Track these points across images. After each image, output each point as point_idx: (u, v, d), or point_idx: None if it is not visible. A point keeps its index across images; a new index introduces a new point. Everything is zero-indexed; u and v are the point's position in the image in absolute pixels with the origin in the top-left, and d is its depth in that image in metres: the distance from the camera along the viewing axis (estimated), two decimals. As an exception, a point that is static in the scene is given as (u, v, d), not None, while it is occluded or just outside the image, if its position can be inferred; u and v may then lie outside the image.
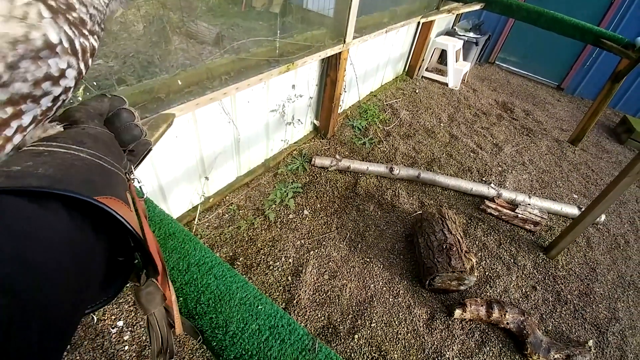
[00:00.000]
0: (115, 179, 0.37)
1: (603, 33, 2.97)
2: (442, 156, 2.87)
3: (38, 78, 0.36)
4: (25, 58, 0.35)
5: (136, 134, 0.48)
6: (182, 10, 4.62)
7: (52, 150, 0.35)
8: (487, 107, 3.81)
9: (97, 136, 0.41)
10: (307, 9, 3.12)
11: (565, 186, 2.88)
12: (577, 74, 4.57)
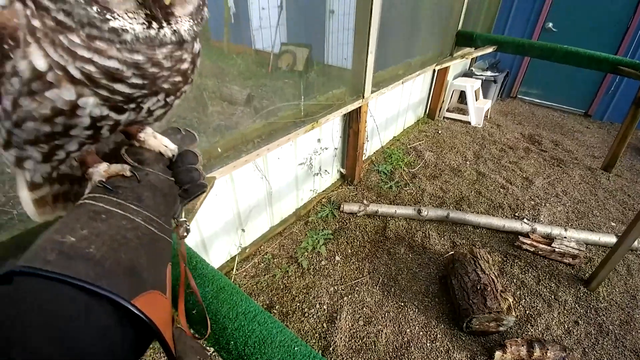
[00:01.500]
0: (161, 249, 0.39)
1: (620, 60, 2.99)
2: (470, 194, 2.88)
3: (45, 114, 0.36)
4: (23, 95, 0.35)
5: (194, 177, 0.50)
6: (216, 77, 5.24)
7: (110, 212, 0.37)
8: (514, 141, 3.81)
9: (157, 187, 0.44)
10: (328, 64, 3.45)
11: (603, 215, 2.75)
12: (603, 100, 4.48)
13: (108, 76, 0.35)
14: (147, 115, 0.44)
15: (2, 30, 0.33)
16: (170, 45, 0.39)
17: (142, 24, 0.37)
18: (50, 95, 0.34)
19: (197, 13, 0.41)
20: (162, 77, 0.40)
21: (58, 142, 0.39)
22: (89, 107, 0.36)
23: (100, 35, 0.34)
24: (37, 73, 0.33)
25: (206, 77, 5.55)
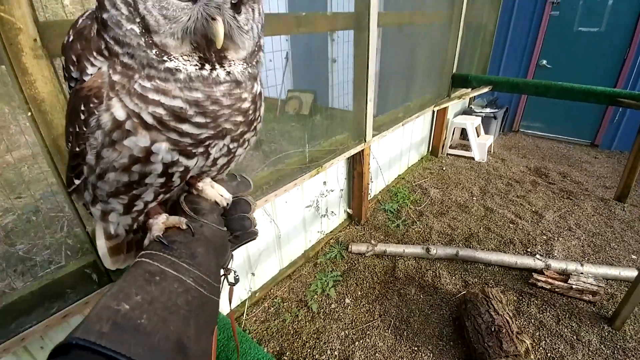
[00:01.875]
0: (208, 313, 0.41)
1: (618, 93, 3.06)
2: (479, 230, 2.86)
3: (124, 164, 0.40)
4: (105, 146, 0.39)
5: (246, 225, 0.53)
6: None
7: (164, 273, 0.39)
8: (520, 174, 3.83)
9: (209, 241, 0.47)
10: (332, 107, 3.64)
11: (621, 247, 2.67)
12: (609, 129, 4.47)
13: (175, 117, 0.39)
14: (212, 165, 0.47)
15: (89, 92, 0.39)
16: (227, 84, 0.42)
17: (195, 65, 0.40)
18: (128, 144, 0.38)
19: (251, 57, 0.45)
20: (223, 115, 0.42)
21: (136, 191, 0.43)
22: (162, 153, 0.40)
23: (157, 75, 0.38)
24: (117, 123, 0.38)
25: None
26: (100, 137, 0.39)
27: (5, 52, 0.79)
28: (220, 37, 0.38)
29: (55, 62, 0.88)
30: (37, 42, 0.82)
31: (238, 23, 0.42)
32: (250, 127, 0.48)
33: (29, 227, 1.42)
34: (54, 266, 1.06)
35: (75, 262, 1.07)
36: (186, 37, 0.39)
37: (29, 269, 1.20)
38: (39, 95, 0.83)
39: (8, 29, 0.79)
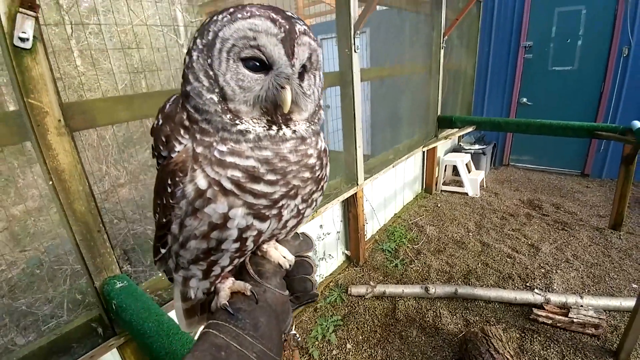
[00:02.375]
0: None
1: (595, 126, 3.21)
2: (477, 266, 2.88)
3: (204, 231, 0.43)
4: (188, 215, 0.42)
5: (307, 287, 0.53)
6: None
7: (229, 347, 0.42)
8: (513, 208, 3.91)
9: (272, 308, 0.48)
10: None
11: (621, 277, 2.67)
12: (597, 159, 4.60)
13: (249, 176, 0.41)
14: (282, 227, 0.49)
15: (175, 167, 0.43)
16: (293, 140, 0.45)
17: (264, 127, 0.44)
18: (208, 211, 0.41)
19: (313, 116, 0.49)
20: (292, 171, 0.44)
21: (213, 257, 0.46)
22: (237, 218, 0.42)
23: (229, 137, 0.42)
24: (200, 192, 0.41)
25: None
26: (185, 206, 0.43)
27: (33, 132, 0.93)
28: (288, 103, 0.43)
29: (74, 136, 1.02)
30: (60, 122, 0.97)
31: (302, 89, 0.46)
32: (318, 185, 0.50)
33: (32, 281, 1.46)
34: (55, 320, 1.10)
35: (82, 316, 1.12)
36: (257, 104, 0.44)
37: (31, 323, 1.23)
38: (59, 166, 0.95)
39: (37, 112, 0.93)
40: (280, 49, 0.42)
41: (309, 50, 0.45)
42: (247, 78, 0.43)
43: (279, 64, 0.43)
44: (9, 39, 0.87)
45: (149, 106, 1.26)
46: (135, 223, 3.32)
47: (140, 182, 5.45)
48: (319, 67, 0.49)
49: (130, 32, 6.46)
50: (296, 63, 0.44)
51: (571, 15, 4.25)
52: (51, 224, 1.52)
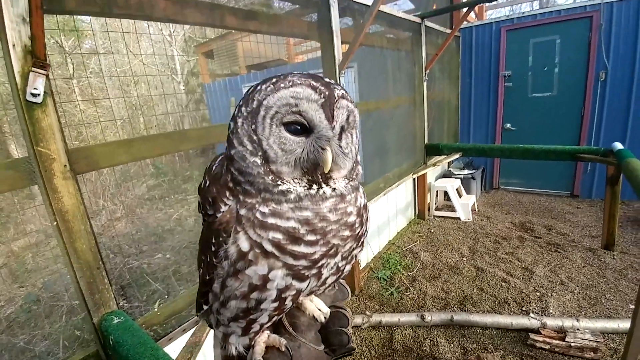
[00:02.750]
0: None
1: (577, 149, 3.33)
2: (473, 292, 2.89)
3: (244, 292, 0.43)
4: (229, 275, 0.43)
5: (343, 340, 0.53)
6: None
7: None
8: (506, 231, 3.96)
9: None
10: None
11: (617, 297, 2.67)
12: (584, 180, 4.69)
13: (290, 237, 0.42)
14: (321, 284, 0.49)
15: (220, 226, 0.45)
16: (333, 199, 0.45)
17: (305, 186, 0.45)
18: (249, 273, 0.42)
19: (351, 172, 0.49)
20: (332, 231, 0.44)
21: (252, 316, 0.46)
22: (277, 280, 0.43)
23: (271, 197, 0.43)
24: (242, 254, 0.42)
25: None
26: (227, 267, 0.44)
27: (41, 176, 1.00)
28: (329, 163, 0.44)
29: (78, 179, 1.09)
30: (66, 167, 1.04)
31: (341, 149, 0.47)
32: (358, 242, 0.50)
33: (30, 317, 1.46)
34: (53, 358, 1.10)
35: (79, 352, 1.14)
36: (298, 165, 0.45)
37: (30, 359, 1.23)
38: (64, 207, 1.02)
39: (45, 159, 1.01)
40: (321, 114, 0.44)
41: (347, 111, 0.47)
42: (289, 141, 0.45)
43: (320, 127, 0.45)
44: (22, 94, 0.97)
45: (147, 148, 1.35)
46: (131, 257, 3.33)
47: (136, 216, 5.47)
48: (355, 126, 0.50)
49: (129, 71, 6.72)
50: (336, 126, 0.45)
51: (546, 45, 4.53)
52: (48, 259, 1.54)
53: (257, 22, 2.02)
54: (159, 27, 7.58)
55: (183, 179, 7.59)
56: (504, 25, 4.70)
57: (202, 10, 1.73)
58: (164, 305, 1.61)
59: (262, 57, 7.17)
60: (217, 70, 8.70)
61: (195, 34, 8.87)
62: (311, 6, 2.31)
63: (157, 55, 7.51)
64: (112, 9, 1.50)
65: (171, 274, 3.38)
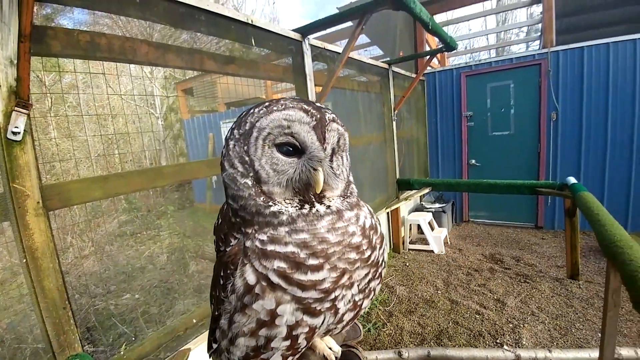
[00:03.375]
0: None
1: (535, 184, 3.58)
2: (449, 326, 2.91)
3: (252, 328, 0.42)
4: (237, 311, 0.42)
5: None
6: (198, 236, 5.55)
7: None
8: (477, 263, 4.08)
9: None
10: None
11: (587, 327, 2.76)
12: (547, 212, 4.97)
13: (292, 265, 0.40)
14: (338, 322, 0.47)
15: (228, 259, 0.45)
16: (329, 217, 0.44)
17: (296, 207, 0.44)
18: (256, 307, 0.41)
19: (345, 190, 0.49)
20: (334, 253, 0.43)
21: (264, 356, 0.44)
22: (286, 315, 0.41)
23: (264, 220, 0.42)
24: (248, 287, 0.41)
25: (189, 237, 5.91)
26: (234, 301, 0.43)
27: (14, 213, 1.00)
28: (321, 183, 0.45)
29: (49, 215, 1.10)
30: (39, 204, 1.05)
31: (332, 170, 0.48)
32: (373, 270, 0.48)
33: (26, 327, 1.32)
34: None
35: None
36: (289, 185, 0.46)
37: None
38: (34, 244, 1.01)
39: (19, 196, 1.02)
40: (313, 135, 0.45)
41: (338, 134, 0.48)
42: (281, 162, 0.46)
43: (312, 149, 0.46)
44: (3, 132, 1.00)
45: (122, 185, 1.37)
46: (97, 298, 3.13)
47: (105, 253, 5.20)
48: (345, 149, 0.51)
49: (107, 106, 6.68)
50: (327, 147, 0.46)
51: (502, 89, 4.99)
52: (13, 299, 1.43)
53: (235, 65, 2.16)
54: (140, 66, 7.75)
55: (157, 214, 7.36)
56: (464, 71, 5.18)
57: (183, 55, 1.84)
58: (130, 349, 1.54)
59: (241, 95, 7.43)
60: (196, 107, 8.86)
61: (176, 72, 9.10)
62: (286, 52, 2.50)
63: (137, 92, 7.61)
64: (96, 53, 1.58)
65: (139, 315, 3.19)
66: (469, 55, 9.64)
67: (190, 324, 1.80)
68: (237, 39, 2.04)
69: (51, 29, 1.36)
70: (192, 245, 5.32)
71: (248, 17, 1.88)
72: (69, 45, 1.46)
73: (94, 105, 6.96)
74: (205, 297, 2.00)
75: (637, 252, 1.09)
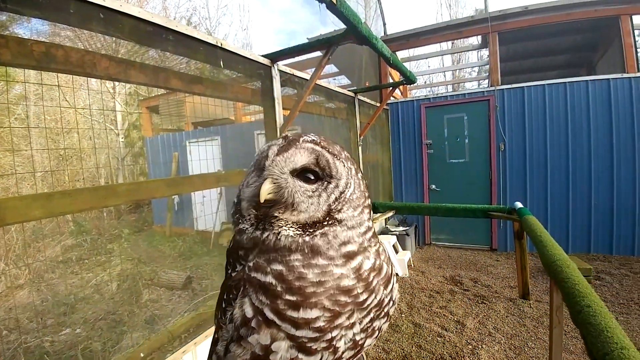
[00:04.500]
0: None
1: (488, 208, 3.83)
2: (412, 350, 2.91)
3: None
4: (233, 341, 0.42)
5: None
6: (155, 261, 5.19)
7: None
8: (438, 285, 4.19)
9: None
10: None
11: (538, 345, 2.89)
12: (499, 235, 5.32)
13: (270, 295, 0.40)
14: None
15: (232, 283, 0.45)
16: (299, 254, 0.43)
17: (252, 224, 0.45)
18: (252, 341, 0.41)
19: (314, 225, 0.43)
20: (316, 294, 0.40)
21: None
22: (281, 352, 0.41)
23: (238, 238, 0.45)
24: (245, 319, 0.42)
25: (144, 262, 5.52)
26: (231, 330, 0.44)
27: None
28: (263, 194, 0.44)
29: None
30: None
31: (303, 189, 0.46)
32: (373, 311, 0.46)
33: None
34: None
35: None
36: (251, 201, 0.47)
37: None
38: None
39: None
40: (275, 151, 0.47)
41: (313, 153, 0.47)
42: (251, 179, 0.49)
43: (268, 162, 0.47)
44: None
45: (68, 203, 1.27)
46: (30, 334, 2.78)
47: (44, 282, 4.68)
48: (338, 176, 0.48)
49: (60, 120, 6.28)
50: (286, 160, 0.46)
51: (456, 120, 5.40)
52: None
53: (203, 86, 2.15)
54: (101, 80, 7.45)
55: (109, 238, 6.82)
56: (423, 102, 5.56)
57: (146, 71, 1.81)
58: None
59: (210, 115, 7.32)
60: (161, 125, 8.58)
61: (140, 88, 8.82)
62: (255, 76, 2.54)
63: (96, 107, 7.24)
64: (50, 64, 1.51)
65: (79, 353, 2.85)
66: (429, 88, 10.39)
67: (137, 359, 1.66)
68: (206, 61, 2.05)
69: (2, 37, 1.28)
70: (147, 272, 4.94)
71: (218, 40, 1.90)
72: (20, 55, 1.38)
73: (44, 118, 6.50)
74: (157, 329, 1.85)
75: (573, 271, 1.18)
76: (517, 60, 7.23)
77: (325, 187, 0.48)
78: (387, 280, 0.50)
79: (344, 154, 0.51)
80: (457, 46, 10.52)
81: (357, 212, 0.48)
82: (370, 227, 0.50)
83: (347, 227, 0.46)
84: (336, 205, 0.47)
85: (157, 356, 1.66)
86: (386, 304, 0.49)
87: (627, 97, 4.52)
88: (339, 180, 0.49)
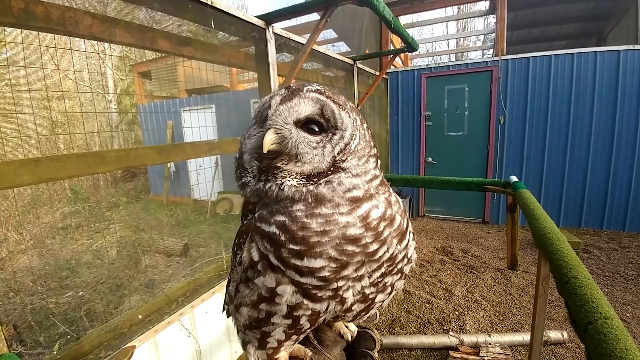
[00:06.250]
0: None
1: (483, 181, 3.81)
2: (401, 315, 3.04)
3: (253, 300, 0.44)
4: (242, 282, 0.44)
5: None
6: (154, 229, 5.27)
7: None
8: (429, 255, 4.30)
9: None
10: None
11: (522, 313, 3.02)
12: (492, 208, 5.38)
13: (275, 244, 0.41)
14: (346, 311, 0.47)
15: (243, 228, 0.46)
16: (302, 203, 0.42)
17: (254, 176, 0.44)
18: (258, 283, 0.42)
19: (319, 175, 0.44)
20: (321, 243, 0.41)
21: (265, 328, 0.45)
22: (286, 295, 0.42)
23: (241, 194, 0.45)
24: (252, 262, 0.43)
25: (142, 230, 5.59)
26: (240, 272, 0.45)
27: None
28: (266, 144, 0.43)
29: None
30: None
31: (306, 140, 0.45)
32: (386, 265, 0.46)
33: None
34: None
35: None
36: (253, 152, 0.46)
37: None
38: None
39: None
40: (277, 101, 0.45)
41: (317, 103, 0.45)
42: (253, 131, 0.47)
43: (271, 112, 0.45)
44: None
45: (56, 169, 1.25)
46: (35, 296, 2.86)
47: (45, 247, 4.76)
48: (343, 127, 0.47)
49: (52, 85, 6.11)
50: (290, 110, 0.44)
51: (457, 92, 5.27)
52: None
53: (192, 48, 2.05)
54: (91, 42, 7.13)
55: (107, 206, 6.85)
56: (424, 72, 5.38)
57: (132, 31, 1.71)
58: (66, 348, 1.42)
59: (204, 82, 7.09)
60: (154, 92, 8.33)
61: (133, 52, 8.47)
62: (250, 40, 2.42)
63: (88, 70, 6.95)
64: (29, 21, 1.42)
65: (84, 314, 2.96)
66: (431, 58, 10.03)
67: (135, 321, 1.71)
68: (195, 20, 1.94)
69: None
70: (145, 239, 5.02)
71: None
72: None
73: (37, 83, 6.26)
74: (157, 292, 1.90)
75: (563, 244, 1.20)
76: (524, 28, 6.93)
77: (330, 139, 0.46)
78: (400, 235, 0.47)
79: (349, 105, 0.49)
80: (462, 12, 10.05)
81: (362, 161, 0.47)
82: (377, 175, 0.49)
83: (352, 174, 0.45)
84: (341, 156, 0.46)
85: (155, 317, 1.72)
86: (400, 259, 0.47)
87: (637, 71, 4.36)
88: (344, 132, 0.47)
